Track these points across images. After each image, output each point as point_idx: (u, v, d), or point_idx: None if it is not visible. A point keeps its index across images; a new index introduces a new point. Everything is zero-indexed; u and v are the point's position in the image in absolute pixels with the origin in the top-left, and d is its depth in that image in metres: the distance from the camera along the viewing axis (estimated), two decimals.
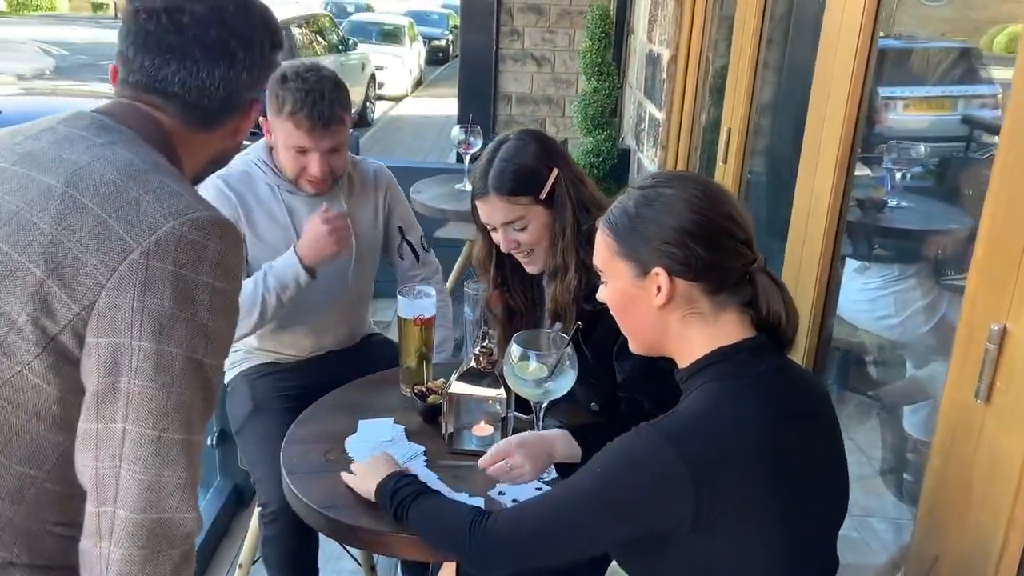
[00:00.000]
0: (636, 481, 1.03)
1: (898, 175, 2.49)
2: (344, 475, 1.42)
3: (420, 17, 19.77)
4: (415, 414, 1.67)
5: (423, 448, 1.57)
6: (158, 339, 0.89)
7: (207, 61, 1.03)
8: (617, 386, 1.59)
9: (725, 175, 2.65)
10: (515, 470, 1.34)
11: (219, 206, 1.92)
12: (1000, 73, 2.85)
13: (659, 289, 1.07)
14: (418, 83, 16.34)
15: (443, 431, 1.58)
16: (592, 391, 1.61)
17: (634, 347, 1.18)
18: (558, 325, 1.59)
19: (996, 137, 1.91)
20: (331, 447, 1.57)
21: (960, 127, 3.17)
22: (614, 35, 3.89)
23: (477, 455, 1.52)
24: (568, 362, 1.44)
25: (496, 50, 4.75)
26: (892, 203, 2.55)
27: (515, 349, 1.44)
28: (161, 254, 0.89)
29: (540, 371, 1.45)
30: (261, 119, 1.94)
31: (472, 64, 4.88)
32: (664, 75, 3.42)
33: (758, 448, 1.02)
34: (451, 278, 3.37)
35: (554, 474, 1.43)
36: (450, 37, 20.30)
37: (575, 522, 1.07)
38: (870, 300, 2.34)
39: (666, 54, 3.41)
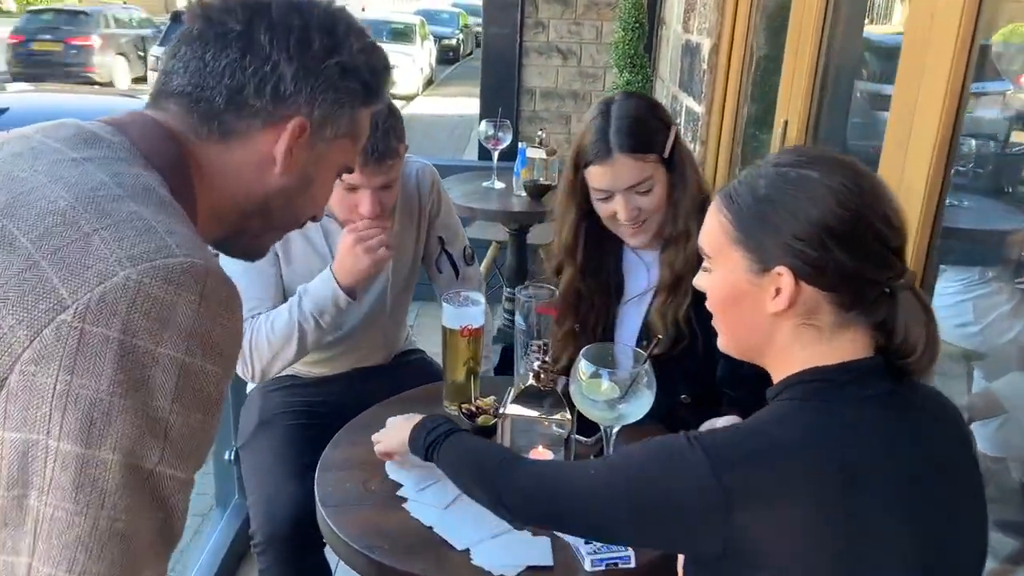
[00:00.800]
0: (668, 497, 0.89)
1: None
2: (374, 438, 1.35)
3: (430, 16, 19.62)
4: None
5: None
6: (85, 439, 0.62)
7: (216, 43, 0.81)
8: (715, 381, 1.46)
9: None
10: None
11: None
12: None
13: (778, 292, 0.90)
14: (429, 82, 16.20)
15: None
16: (687, 380, 1.44)
17: (724, 345, 1.02)
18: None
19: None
20: (371, 474, 1.39)
21: (985, 124, 2.99)
22: (648, 25, 3.70)
23: None
24: (645, 381, 1.25)
25: (520, 43, 4.56)
26: (954, 201, 2.36)
27: (585, 365, 1.26)
28: (105, 315, 0.62)
29: (612, 391, 1.26)
30: None
31: (495, 58, 4.69)
32: (705, 66, 3.23)
33: (822, 484, 0.84)
34: None
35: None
36: (460, 36, 20.18)
37: (597, 514, 0.97)
38: (948, 306, 2.15)
39: (707, 44, 3.22)
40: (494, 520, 1.25)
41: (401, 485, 1.35)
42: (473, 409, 1.49)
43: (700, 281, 1.01)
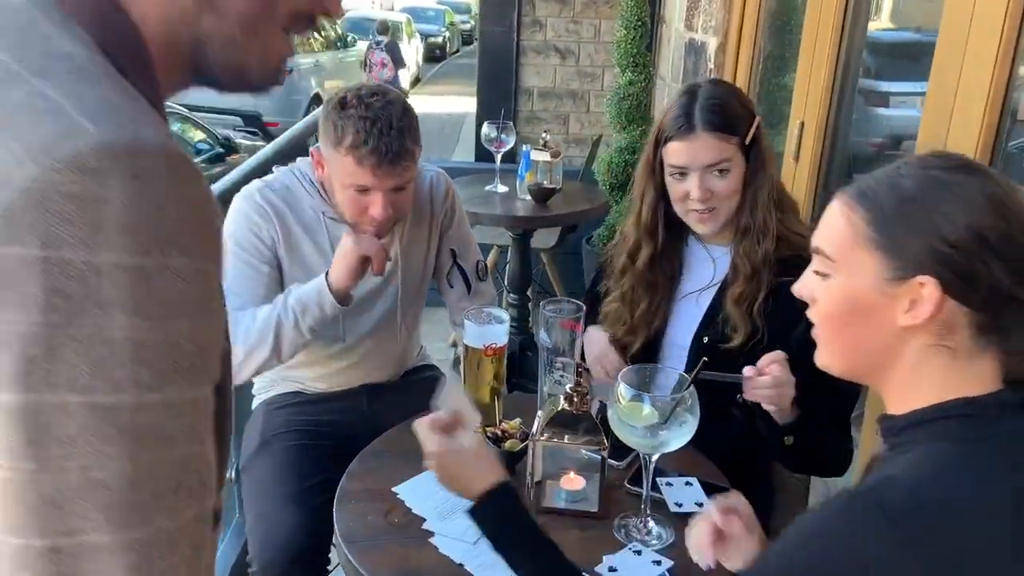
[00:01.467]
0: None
1: None
2: (429, 461, 1.14)
3: (416, 14, 19.47)
4: None
5: None
6: (25, 383, 0.49)
7: None
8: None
9: (797, 174, 2.39)
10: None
11: (258, 219, 1.61)
12: None
13: (912, 304, 0.80)
14: (416, 80, 16.08)
15: (527, 485, 1.32)
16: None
17: (825, 362, 0.92)
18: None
19: None
20: (392, 505, 1.30)
21: None
22: (650, 23, 3.62)
23: (567, 515, 1.27)
24: (688, 406, 1.18)
25: (517, 42, 4.47)
26: None
27: (624, 388, 1.18)
28: (14, 232, 0.49)
29: (653, 416, 1.19)
30: (312, 149, 1.66)
31: (492, 57, 4.60)
32: (711, 65, 3.16)
33: (1002, 540, 0.76)
34: None
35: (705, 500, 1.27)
36: (447, 34, 20.05)
37: None
38: None
39: (713, 42, 3.15)
40: None
41: (424, 518, 1.27)
42: (499, 433, 1.41)
43: (810, 287, 0.90)
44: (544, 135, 3.10)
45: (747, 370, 1.27)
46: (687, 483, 1.36)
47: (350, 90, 1.56)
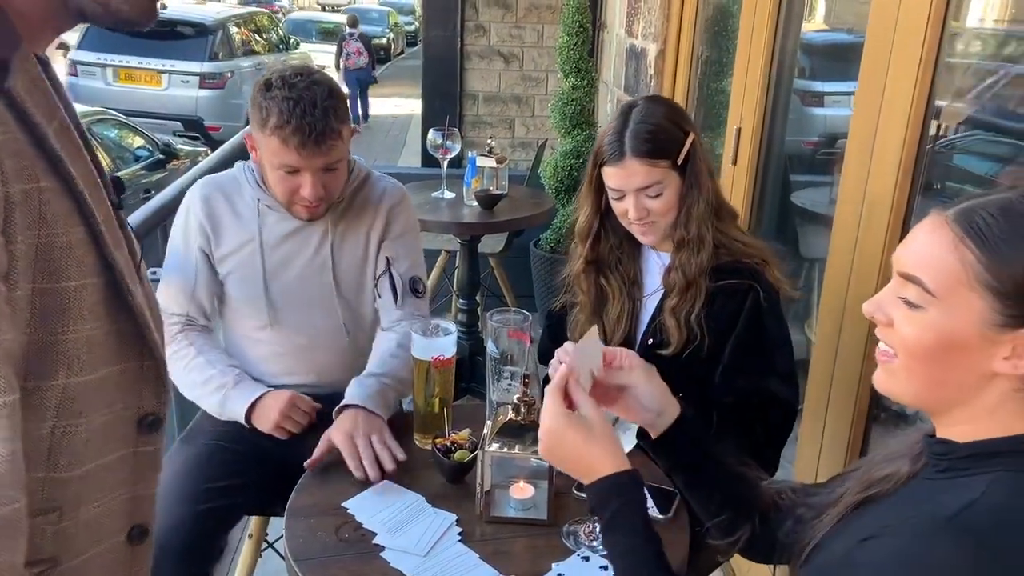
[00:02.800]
0: None
1: None
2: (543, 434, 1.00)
3: (359, 14, 19.26)
4: (435, 473, 1.42)
5: (454, 517, 1.32)
6: None
7: None
8: (710, 389, 1.49)
9: (735, 178, 2.45)
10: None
11: (192, 208, 1.70)
12: None
13: (1015, 352, 0.76)
14: None
15: (476, 495, 1.33)
16: (690, 383, 1.40)
17: (896, 390, 0.86)
18: None
19: None
20: (342, 520, 1.30)
21: None
22: (591, 29, 3.67)
23: (517, 523, 1.29)
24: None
25: (461, 47, 4.48)
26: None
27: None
28: None
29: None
30: (244, 134, 1.68)
31: (436, 62, 4.60)
32: (651, 71, 3.22)
33: None
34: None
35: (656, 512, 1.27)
36: (391, 35, 19.91)
37: None
38: None
39: (653, 48, 3.21)
40: (479, 568, 1.20)
41: (375, 532, 1.27)
42: (448, 444, 1.42)
43: (889, 313, 0.83)
44: (490, 141, 3.12)
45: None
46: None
47: (275, 72, 1.58)
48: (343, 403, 1.54)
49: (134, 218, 2.18)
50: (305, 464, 1.44)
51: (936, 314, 0.79)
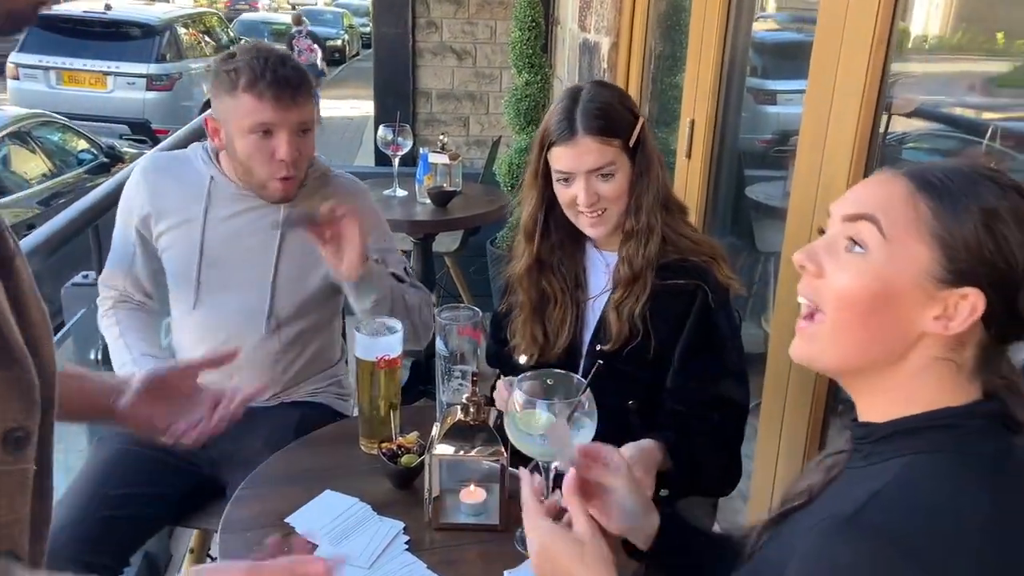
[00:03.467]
0: None
1: None
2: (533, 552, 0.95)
3: (313, 16, 19.03)
4: (383, 479, 1.35)
5: (401, 525, 1.25)
6: None
7: None
8: (662, 392, 1.42)
9: (689, 171, 2.43)
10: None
11: (131, 184, 1.66)
12: None
13: (945, 312, 0.74)
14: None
15: (425, 501, 1.27)
16: (635, 385, 1.39)
17: (828, 352, 0.81)
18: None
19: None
20: (283, 532, 1.22)
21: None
22: (544, 24, 3.63)
23: (468, 530, 1.23)
24: (586, 411, 1.15)
25: (413, 43, 4.41)
26: None
27: (518, 396, 1.14)
28: None
29: (550, 423, 1.15)
30: (206, 118, 1.62)
31: (387, 59, 4.51)
32: (605, 65, 3.19)
33: (985, 562, 0.70)
34: None
35: None
36: (346, 36, 19.70)
37: None
38: None
39: (606, 42, 3.18)
40: None
41: (316, 544, 1.20)
42: (395, 448, 1.35)
43: (839, 267, 0.79)
44: (442, 137, 3.05)
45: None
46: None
47: (236, 47, 1.59)
48: None
49: (63, 217, 2.07)
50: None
51: (879, 258, 0.76)
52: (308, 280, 1.67)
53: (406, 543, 1.21)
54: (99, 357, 2.07)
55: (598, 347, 1.47)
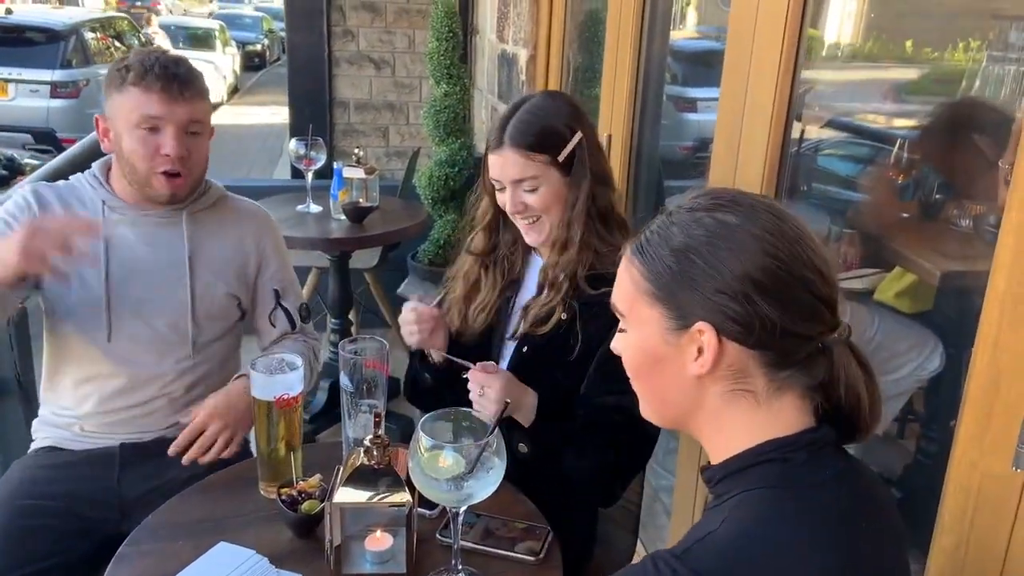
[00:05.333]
0: None
1: None
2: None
3: (232, 21, 18.53)
4: (283, 527, 1.26)
5: None
6: None
7: None
8: (575, 396, 1.43)
9: None
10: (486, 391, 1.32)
11: (16, 212, 1.49)
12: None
13: (700, 352, 0.78)
14: (234, 90, 15.30)
15: (325, 550, 1.18)
16: (554, 391, 1.41)
17: (647, 414, 0.90)
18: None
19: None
20: None
21: None
22: (462, 34, 3.56)
23: None
24: (495, 450, 1.09)
25: (329, 52, 4.28)
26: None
27: (424, 439, 1.08)
28: None
29: (458, 466, 1.09)
30: (96, 118, 1.55)
31: (303, 69, 4.37)
32: (523, 76, 3.15)
33: None
34: None
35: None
36: (266, 41, 19.26)
37: None
38: None
39: (523, 54, 3.14)
40: None
41: None
42: (295, 494, 1.26)
43: (616, 344, 0.89)
44: (357, 151, 2.96)
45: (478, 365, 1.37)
46: None
47: (130, 54, 1.55)
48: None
49: None
50: (169, 450, 1.41)
51: (632, 333, 0.85)
52: (219, 290, 1.64)
53: None
54: None
55: (524, 349, 1.50)
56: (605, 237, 1.45)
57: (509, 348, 1.54)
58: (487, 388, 1.34)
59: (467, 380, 1.39)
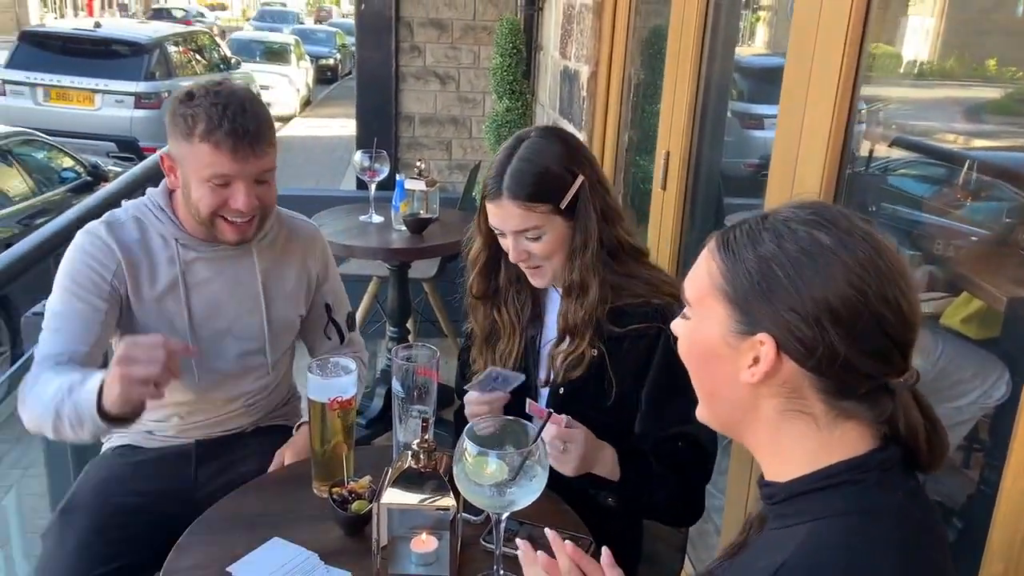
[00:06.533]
0: None
1: None
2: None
3: (306, 35, 19.13)
4: (333, 525, 1.31)
5: (348, 574, 1.21)
6: None
7: None
8: (634, 440, 1.40)
9: (664, 203, 2.40)
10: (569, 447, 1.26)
11: (98, 255, 1.48)
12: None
13: (755, 361, 0.78)
14: (307, 102, 15.75)
15: (373, 549, 1.22)
16: (596, 431, 1.33)
17: (702, 414, 0.89)
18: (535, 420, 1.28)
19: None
20: None
21: None
22: (525, 51, 3.62)
23: None
24: (538, 459, 1.11)
25: (396, 68, 4.39)
26: None
27: (470, 445, 1.10)
28: None
29: (501, 472, 1.12)
30: (161, 155, 1.54)
31: (370, 83, 4.50)
32: (584, 93, 3.17)
33: None
34: (358, 321, 2.99)
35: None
36: (338, 56, 19.76)
37: None
38: None
39: (585, 71, 3.17)
40: None
41: None
42: (346, 494, 1.31)
43: (676, 326, 0.89)
44: (418, 163, 3.02)
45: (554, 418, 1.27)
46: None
47: (192, 85, 1.47)
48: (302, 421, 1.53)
49: (25, 243, 2.03)
50: None
51: (695, 321, 0.85)
52: (291, 314, 1.70)
53: None
54: None
55: (539, 387, 1.47)
56: (618, 270, 1.42)
57: (543, 392, 1.51)
58: (570, 444, 1.27)
59: (517, 393, 1.39)
